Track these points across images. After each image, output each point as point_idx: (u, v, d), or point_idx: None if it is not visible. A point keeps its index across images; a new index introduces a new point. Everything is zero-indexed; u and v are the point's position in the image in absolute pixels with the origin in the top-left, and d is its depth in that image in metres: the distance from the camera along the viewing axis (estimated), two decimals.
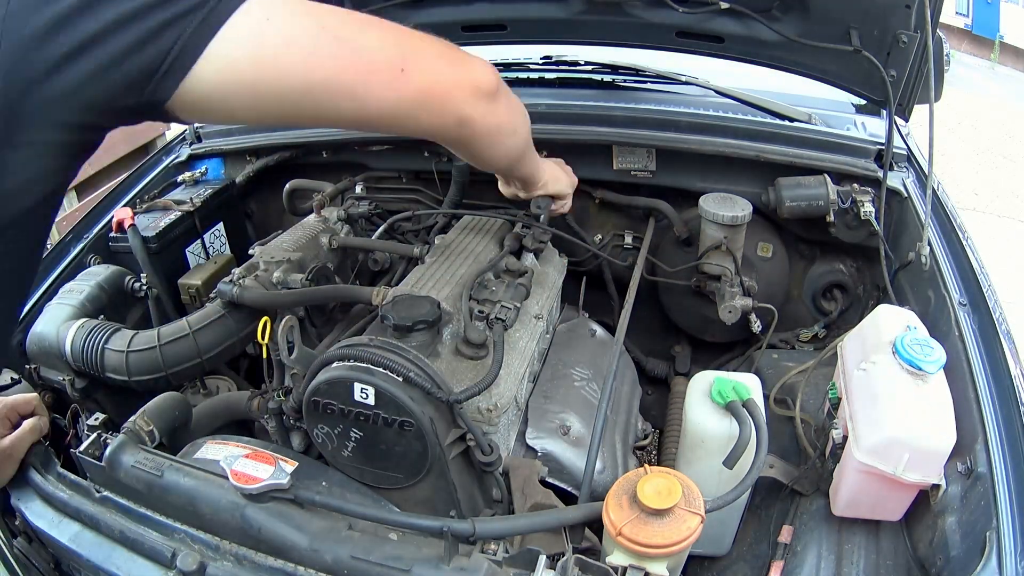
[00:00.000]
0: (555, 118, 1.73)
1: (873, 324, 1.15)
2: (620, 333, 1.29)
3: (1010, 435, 0.99)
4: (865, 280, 1.71)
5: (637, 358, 1.90)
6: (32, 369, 1.40)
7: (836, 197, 1.53)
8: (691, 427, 1.14)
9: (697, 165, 1.70)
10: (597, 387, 1.38)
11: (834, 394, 1.18)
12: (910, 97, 1.51)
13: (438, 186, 1.89)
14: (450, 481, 1.07)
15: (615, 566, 0.87)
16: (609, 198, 1.83)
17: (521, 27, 1.73)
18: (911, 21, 1.37)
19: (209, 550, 0.98)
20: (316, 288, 1.40)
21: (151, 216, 1.70)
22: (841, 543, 1.09)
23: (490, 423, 1.11)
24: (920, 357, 1.00)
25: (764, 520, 1.25)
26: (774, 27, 1.51)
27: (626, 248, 1.86)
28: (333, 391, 1.03)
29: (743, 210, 1.56)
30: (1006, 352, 1.10)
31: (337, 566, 0.93)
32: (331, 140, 1.85)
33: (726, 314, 1.54)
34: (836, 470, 1.11)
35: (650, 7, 1.59)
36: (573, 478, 1.20)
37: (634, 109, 1.74)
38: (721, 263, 1.60)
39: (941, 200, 1.51)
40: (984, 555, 0.86)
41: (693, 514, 0.86)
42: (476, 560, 0.91)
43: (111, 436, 1.10)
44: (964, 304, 1.22)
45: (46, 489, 1.13)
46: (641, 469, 0.91)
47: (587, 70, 2.02)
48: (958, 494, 0.98)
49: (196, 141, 1.98)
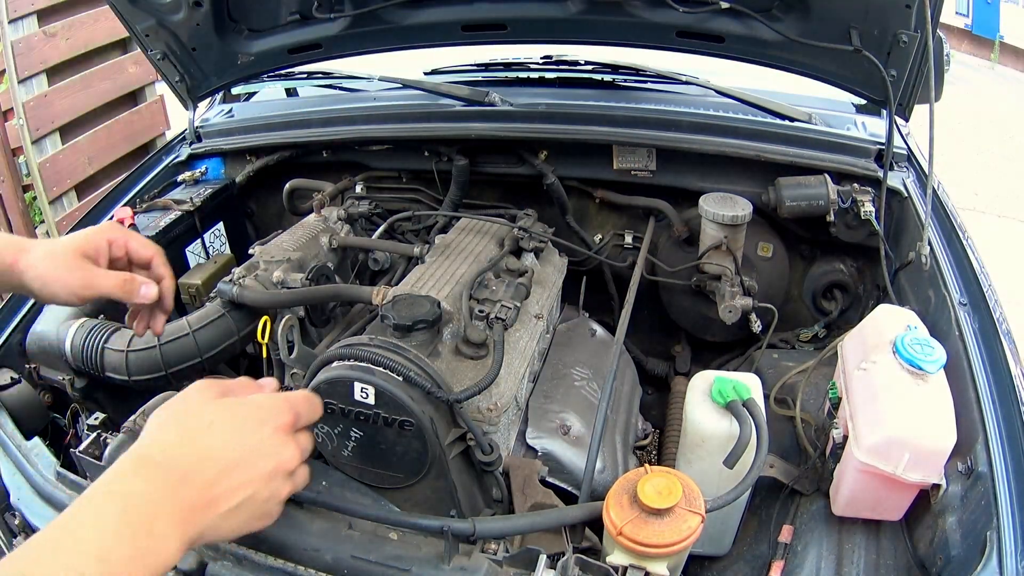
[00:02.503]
0: (555, 118, 1.73)
1: (873, 324, 1.15)
2: (620, 333, 1.29)
3: (1010, 435, 0.99)
4: (865, 280, 1.71)
5: (637, 358, 1.90)
6: (32, 369, 1.40)
7: (836, 197, 1.53)
8: (691, 427, 1.14)
9: (697, 165, 1.70)
10: (597, 387, 1.38)
11: (834, 394, 1.18)
12: (910, 97, 1.51)
13: (438, 186, 1.89)
14: (450, 481, 1.07)
15: (615, 566, 0.87)
16: (609, 198, 1.83)
17: (521, 27, 1.73)
18: (911, 21, 1.37)
19: (209, 549, 0.98)
20: (316, 288, 1.40)
21: (151, 216, 1.71)
22: (841, 543, 1.09)
23: (490, 423, 1.11)
24: (920, 357, 1.00)
25: (764, 520, 1.25)
26: (774, 27, 1.51)
27: (626, 248, 1.87)
28: (333, 390, 1.03)
29: (743, 210, 1.56)
30: (1006, 352, 1.10)
31: (337, 566, 0.93)
32: (331, 140, 1.86)
33: (726, 314, 1.54)
34: (836, 470, 1.10)
35: (650, 7, 1.59)
36: (573, 478, 1.20)
37: (634, 109, 1.74)
38: (721, 263, 1.60)
39: (941, 200, 1.51)
40: (984, 555, 0.86)
41: (693, 514, 0.86)
42: (476, 560, 0.91)
43: (111, 436, 1.10)
44: (964, 304, 1.22)
45: (46, 489, 1.13)
46: (641, 469, 0.91)
47: (587, 70, 2.02)
48: (958, 494, 0.98)
49: (196, 141, 1.98)
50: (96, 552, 0.54)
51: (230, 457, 0.66)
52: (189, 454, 0.64)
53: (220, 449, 0.66)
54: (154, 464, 0.62)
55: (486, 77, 2.07)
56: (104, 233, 0.96)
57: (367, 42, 1.82)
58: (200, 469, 0.64)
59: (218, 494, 0.64)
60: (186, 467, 0.63)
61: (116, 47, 3.69)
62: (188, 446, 0.65)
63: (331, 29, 1.75)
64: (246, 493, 0.66)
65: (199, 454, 0.65)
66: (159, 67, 1.79)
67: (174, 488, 0.61)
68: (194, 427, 0.67)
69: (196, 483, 0.63)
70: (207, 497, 0.63)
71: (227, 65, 1.84)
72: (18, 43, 3.14)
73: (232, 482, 0.65)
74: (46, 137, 3.33)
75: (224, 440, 0.67)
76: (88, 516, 0.57)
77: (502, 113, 1.76)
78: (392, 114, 1.86)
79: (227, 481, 0.65)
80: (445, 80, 1.98)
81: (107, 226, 0.99)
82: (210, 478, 0.64)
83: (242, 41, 1.80)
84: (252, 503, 0.67)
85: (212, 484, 0.64)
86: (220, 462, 0.65)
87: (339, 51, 1.86)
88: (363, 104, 1.94)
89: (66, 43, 3.39)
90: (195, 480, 0.63)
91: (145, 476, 0.61)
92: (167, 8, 1.64)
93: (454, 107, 1.83)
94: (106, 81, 3.63)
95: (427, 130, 1.80)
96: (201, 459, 0.64)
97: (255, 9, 1.75)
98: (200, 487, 0.63)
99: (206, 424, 0.67)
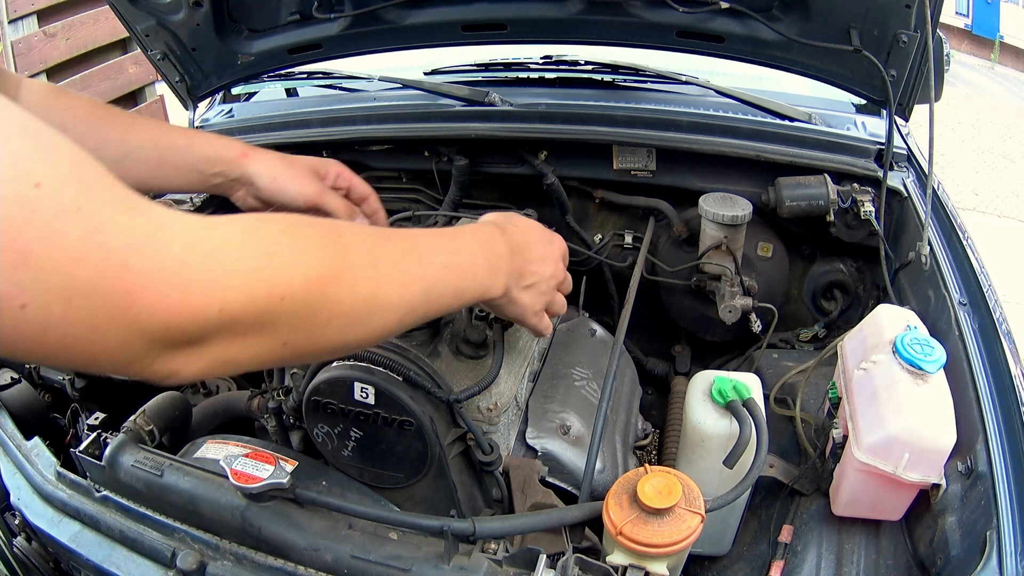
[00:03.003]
0: (555, 118, 1.73)
1: (873, 324, 1.15)
2: (620, 333, 1.29)
3: (1010, 435, 0.99)
4: (865, 280, 1.71)
5: (637, 358, 1.90)
6: (32, 368, 1.40)
7: (836, 197, 1.53)
8: (691, 427, 1.14)
9: (697, 165, 1.70)
10: (597, 387, 1.38)
11: (834, 394, 1.18)
12: (910, 97, 1.51)
13: (438, 186, 1.89)
14: (450, 480, 1.07)
15: (615, 566, 0.87)
16: (609, 198, 1.82)
17: (521, 27, 1.73)
18: (911, 21, 1.37)
19: (209, 549, 0.98)
20: None
21: None
22: (841, 543, 1.09)
23: (490, 423, 1.11)
24: (920, 357, 1.00)
25: (764, 520, 1.25)
26: (774, 27, 1.51)
27: (626, 248, 1.86)
28: (333, 390, 1.03)
29: (743, 210, 1.56)
30: (1006, 352, 1.10)
31: (337, 566, 0.93)
32: (331, 140, 1.85)
33: (726, 314, 1.54)
34: (836, 470, 1.10)
35: (650, 7, 1.59)
36: (573, 477, 1.20)
37: (634, 109, 1.74)
38: (721, 263, 1.60)
39: (941, 200, 1.51)
40: (984, 555, 0.86)
41: (693, 513, 0.86)
42: (476, 559, 0.91)
43: (111, 435, 1.11)
44: (964, 304, 1.22)
45: (46, 489, 1.13)
46: (641, 468, 0.91)
47: (587, 70, 2.02)
48: (958, 493, 0.98)
49: None
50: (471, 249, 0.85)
51: (538, 251, 0.96)
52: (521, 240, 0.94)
53: (535, 244, 0.97)
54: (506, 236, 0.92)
55: (486, 77, 2.07)
56: (335, 163, 1.12)
57: (367, 42, 1.82)
58: (524, 250, 0.94)
59: (529, 269, 0.94)
60: (519, 245, 0.93)
61: (116, 47, 3.70)
62: (520, 235, 0.95)
63: (331, 29, 1.75)
64: (538, 278, 0.96)
65: (526, 241, 0.95)
66: (159, 67, 1.79)
67: (511, 253, 0.91)
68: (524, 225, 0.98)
69: (521, 257, 0.93)
70: (523, 269, 0.93)
71: (227, 65, 1.84)
72: (18, 43, 3.15)
73: (535, 267, 0.95)
74: None
75: (537, 240, 0.98)
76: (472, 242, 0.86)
77: (502, 113, 1.76)
78: (392, 114, 1.86)
79: (533, 265, 0.95)
80: (445, 80, 1.98)
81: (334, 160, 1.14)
82: (528, 257, 0.94)
83: (242, 41, 1.80)
84: (537, 289, 0.96)
85: (528, 262, 0.94)
86: (534, 251, 0.96)
87: (339, 51, 1.86)
88: (363, 104, 1.94)
89: (66, 43, 3.39)
90: (521, 255, 0.93)
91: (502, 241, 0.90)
92: (167, 8, 1.64)
93: (454, 107, 1.83)
94: (106, 81, 3.63)
95: (427, 130, 1.80)
96: (527, 244, 0.95)
97: (255, 9, 1.75)
98: (522, 261, 0.93)
99: (530, 227, 0.99)
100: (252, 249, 0.54)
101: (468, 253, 0.84)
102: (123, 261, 0.47)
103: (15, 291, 0.43)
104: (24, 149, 0.44)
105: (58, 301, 0.45)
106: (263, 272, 0.54)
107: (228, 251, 0.52)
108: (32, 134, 0.46)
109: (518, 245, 0.92)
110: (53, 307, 0.45)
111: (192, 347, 0.52)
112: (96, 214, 0.46)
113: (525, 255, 0.94)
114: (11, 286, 0.43)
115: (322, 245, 0.61)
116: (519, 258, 0.92)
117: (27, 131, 0.46)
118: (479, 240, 0.88)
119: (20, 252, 0.42)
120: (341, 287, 0.61)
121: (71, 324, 0.46)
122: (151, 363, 0.51)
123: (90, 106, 1.02)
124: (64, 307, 0.45)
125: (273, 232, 0.57)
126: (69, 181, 0.46)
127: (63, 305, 0.45)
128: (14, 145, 0.44)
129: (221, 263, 0.51)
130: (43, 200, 0.43)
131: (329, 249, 0.61)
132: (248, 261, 0.53)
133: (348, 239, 0.65)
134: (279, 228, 0.58)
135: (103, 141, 0.99)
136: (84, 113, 1.01)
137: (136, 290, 0.47)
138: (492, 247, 0.88)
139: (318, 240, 0.61)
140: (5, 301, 0.43)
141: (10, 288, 0.43)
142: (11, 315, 0.43)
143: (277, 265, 0.55)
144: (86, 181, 0.47)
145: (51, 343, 0.46)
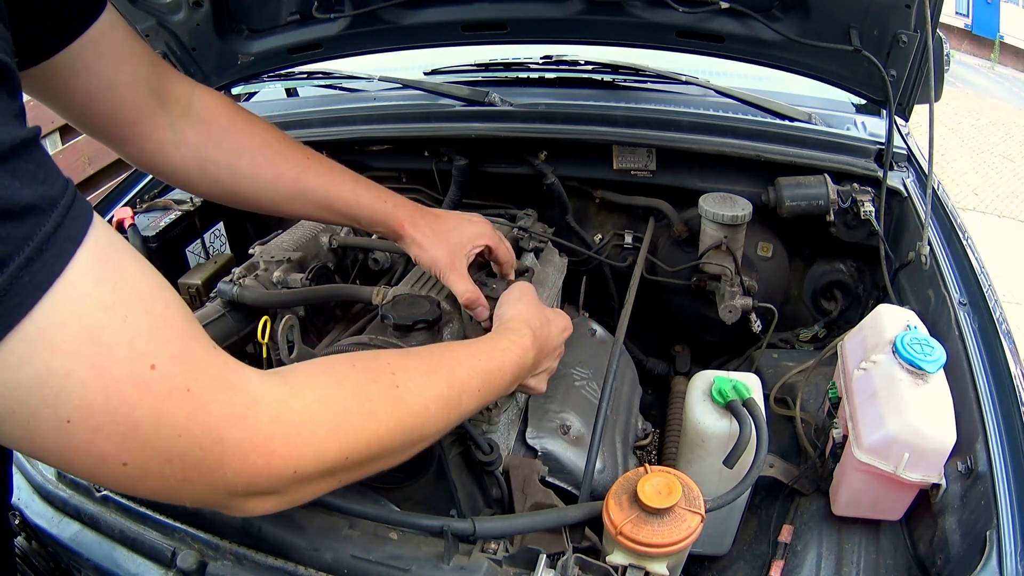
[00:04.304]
0: (555, 118, 1.73)
1: (873, 323, 1.15)
2: (620, 333, 1.29)
3: (1010, 435, 0.99)
4: (865, 280, 1.71)
5: (637, 358, 1.90)
6: None
7: (836, 197, 1.53)
8: (691, 427, 1.14)
9: (697, 165, 1.70)
10: (597, 387, 1.38)
11: (834, 393, 1.18)
12: (910, 97, 1.51)
13: (438, 186, 1.89)
14: (450, 480, 1.07)
15: (615, 565, 0.87)
16: (609, 198, 1.83)
17: (521, 27, 1.73)
18: (911, 21, 1.37)
19: (209, 549, 0.98)
20: (316, 287, 1.40)
21: (151, 215, 1.71)
22: (841, 543, 1.09)
23: (490, 422, 1.11)
24: (920, 356, 1.00)
25: (764, 520, 1.25)
26: (774, 27, 1.51)
27: (626, 248, 1.87)
28: None
29: (743, 210, 1.56)
30: (1006, 352, 1.10)
31: (337, 565, 0.93)
32: (331, 140, 1.86)
33: (726, 314, 1.55)
34: (836, 469, 1.10)
35: (650, 7, 1.59)
36: (573, 477, 1.20)
37: (634, 109, 1.74)
38: (721, 263, 1.60)
39: (941, 200, 1.51)
40: (984, 554, 0.86)
41: (693, 513, 0.86)
42: (476, 559, 0.91)
43: None
44: (964, 304, 1.22)
45: (46, 488, 1.13)
46: (641, 468, 0.91)
47: (587, 70, 2.02)
48: (958, 493, 0.98)
49: None
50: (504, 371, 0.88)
51: (553, 343, 1.05)
52: (544, 339, 1.01)
53: (556, 336, 1.06)
54: (536, 343, 0.97)
55: (486, 77, 2.07)
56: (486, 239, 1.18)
57: (367, 42, 1.82)
58: (543, 344, 1.00)
59: (543, 363, 1.03)
60: (542, 345, 1.00)
61: None
62: (544, 333, 1.01)
63: (331, 29, 1.75)
64: (548, 365, 1.06)
65: (547, 337, 1.02)
66: None
67: (536, 356, 0.98)
68: (545, 319, 1.03)
69: (540, 354, 1.00)
70: (539, 363, 1.01)
71: (227, 65, 1.84)
72: None
73: (549, 362, 1.06)
74: (46, 137, 3.34)
75: (558, 333, 1.07)
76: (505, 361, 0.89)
77: (502, 113, 1.76)
78: (392, 114, 1.86)
79: (548, 360, 1.05)
80: (445, 80, 1.99)
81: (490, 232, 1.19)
82: (546, 352, 1.03)
83: (242, 41, 1.80)
84: (546, 373, 1.06)
85: (545, 356, 1.03)
86: (550, 345, 1.04)
87: (339, 51, 1.86)
88: (363, 104, 1.94)
89: None
90: (541, 350, 1.00)
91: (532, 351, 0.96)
92: (167, 8, 1.64)
93: (454, 107, 1.83)
94: None
95: (427, 130, 1.80)
96: (547, 339, 1.02)
97: (255, 9, 1.75)
98: (541, 357, 1.01)
99: (548, 319, 1.04)
100: (325, 420, 0.62)
101: (501, 375, 0.88)
102: (219, 435, 0.54)
103: (119, 453, 0.50)
104: (139, 327, 0.50)
105: (156, 462, 0.52)
106: (333, 441, 0.62)
107: (305, 423, 0.60)
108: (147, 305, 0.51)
109: (543, 347, 1.00)
110: (151, 465, 0.52)
111: (268, 495, 0.61)
112: (201, 394, 0.53)
113: (544, 350, 1.01)
114: (116, 449, 0.50)
115: (384, 402, 0.68)
116: (539, 355, 0.99)
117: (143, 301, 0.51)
118: (512, 359, 0.91)
119: (131, 426, 0.49)
120: (395, 439, 0.69)
121: (165, 478, 0.53)
122: (229, 505, 0.59)
123: (268, 136, 1.05)
124: (161, 466, 0.52)
125: (343, 397, 0.65)
126: (179, 361, 0.52)
127: (160, 465, 0.52)
128: (131, 324, 0.49)
129: (300, 435, 0.59)
130: (156, 382, 0.50)
131: (389, 405, 0.69)
132: (321, 432, 0.61)
133: (404, 386, 0.71)
134: (349, 391, 0.66)
135: (277, 175, 1.04)
136: (261, 142, 1.04)
137: (227, 457, 0.55)
138: (523, 363, 0.93)
139: (381, 398, 0.68)
140: (109, 459, 0.50)
141: (115, 451, 0.50)
142: (113, 470, 0.51)
143: (345, 433, 0.64)
144: (194, 359, 0.53)
145: (143, 488, 0.54)
